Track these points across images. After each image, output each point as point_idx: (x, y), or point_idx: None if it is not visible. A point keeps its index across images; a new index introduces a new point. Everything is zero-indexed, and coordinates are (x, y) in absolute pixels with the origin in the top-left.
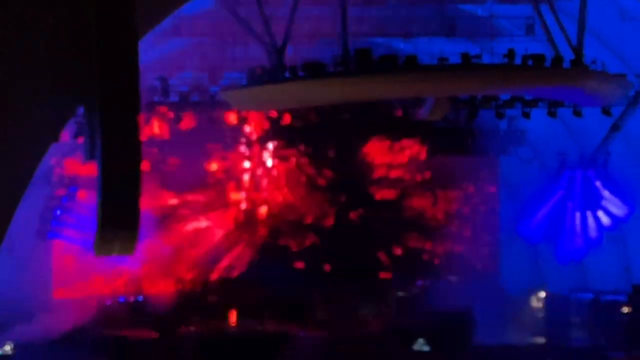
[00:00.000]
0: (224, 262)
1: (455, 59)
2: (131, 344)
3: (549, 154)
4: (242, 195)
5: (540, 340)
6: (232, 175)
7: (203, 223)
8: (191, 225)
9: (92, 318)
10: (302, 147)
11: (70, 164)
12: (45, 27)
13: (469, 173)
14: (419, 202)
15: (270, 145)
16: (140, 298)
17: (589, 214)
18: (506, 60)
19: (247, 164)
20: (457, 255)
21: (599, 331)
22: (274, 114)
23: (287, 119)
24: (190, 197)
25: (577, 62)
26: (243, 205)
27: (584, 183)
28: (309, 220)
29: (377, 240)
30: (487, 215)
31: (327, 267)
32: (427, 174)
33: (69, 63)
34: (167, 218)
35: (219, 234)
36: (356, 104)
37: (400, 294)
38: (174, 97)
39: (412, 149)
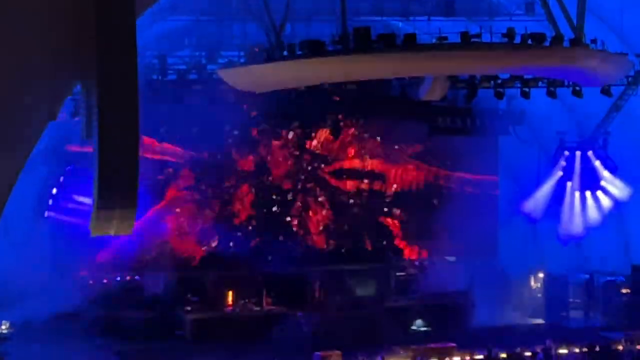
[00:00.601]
0: (222, 241)
1: (454, 38)
2: (127, 323)
3: (548, 134)
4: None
5: (539, 320)
6: (230, 152)
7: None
8: (187, 203)
9: (89, 298)
10: (301, 126)
11: (68, 143)
12: (43, 5)
13: (468, 153)
14: (418, 183)
15: (269, 123)
16: (137, 278)
17: (588, 194)
18: (506, 39)
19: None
20: (456, 235)
21: (597, 311)
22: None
23: (285, 98)
24: (188, 173)
25: (577, 41)
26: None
27: (583, 163)
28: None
29: (376, 220)
30: (486, 195)
31: (326, 247)
32: (426, 155)
33: (67, 41)
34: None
35: (216, 211)
36: (354, 83)
37: (399, 274)
38: (172, 76)
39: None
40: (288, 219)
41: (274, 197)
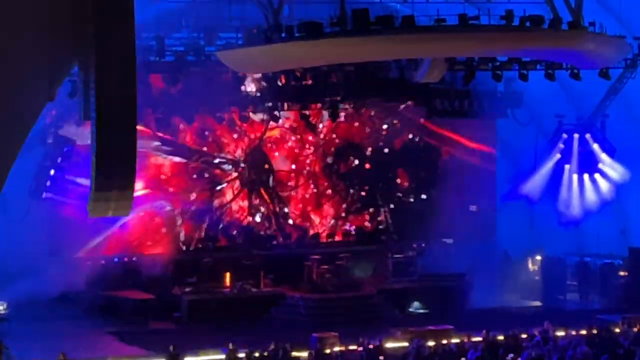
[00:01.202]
0: (220, 222)
1: (452, 21)
2: (125, 305)
3: (546, 116)
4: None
5: (536, 302)
6: (228, 134)
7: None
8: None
9: (87, 278)
10: (298, 108)
11: (66, 123)
12: None
13: (466, 135)
14: (415, 163)
15: (267, 105)
16: (135, 259)
17: (586, 177)
18: (504, 21)
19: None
20: (453, 217)
21: (595, 294)
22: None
23: (282, 79)
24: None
25: (576, 24)
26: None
27: (582, 146)
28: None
29: (371, 201)
30: (484, 177)
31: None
32: (424, 136)
33: (65, 21)
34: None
35: (217, 193)
36: (352, 65)
37: (396, 256)
38: (169, 57)
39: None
40: (288, 217)
41: (272, 184)
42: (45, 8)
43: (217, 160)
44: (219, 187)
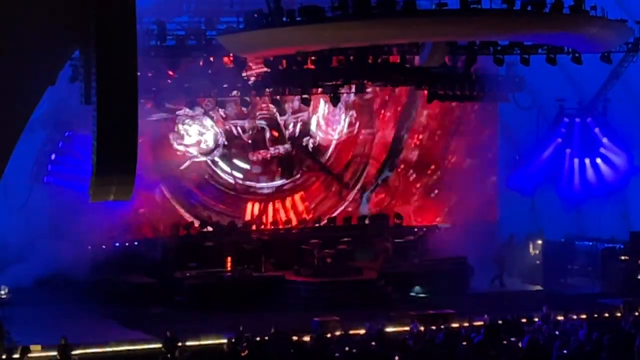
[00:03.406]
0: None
1: (453, 4)
2: (126, 289)
3: (547, 100)
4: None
5: (537, 287)
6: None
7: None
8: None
9: (88, 262)
10: (300, 93)
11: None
12: None
13: (468, 119)
14: (417, 148)
15: (267, 90)
16: (136, 243)
17: (587, 161)
18: (505, 5)
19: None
20: (455, 201)
21: (596, 278)
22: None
23: (284, 64)
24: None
25: (577, 7)
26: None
27: (583, 130)
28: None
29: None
30: (485, 161)
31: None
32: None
33: (66, 6)
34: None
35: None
36: (354, 50)
37: (398, 240)
38: (170, 42)
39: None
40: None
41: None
42: None
43: None
44: None
